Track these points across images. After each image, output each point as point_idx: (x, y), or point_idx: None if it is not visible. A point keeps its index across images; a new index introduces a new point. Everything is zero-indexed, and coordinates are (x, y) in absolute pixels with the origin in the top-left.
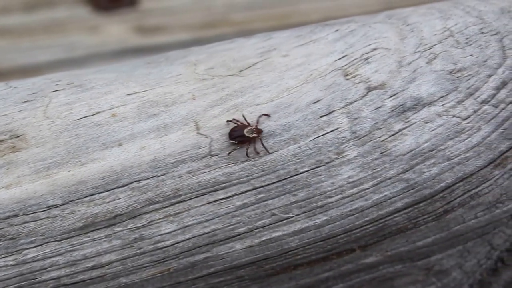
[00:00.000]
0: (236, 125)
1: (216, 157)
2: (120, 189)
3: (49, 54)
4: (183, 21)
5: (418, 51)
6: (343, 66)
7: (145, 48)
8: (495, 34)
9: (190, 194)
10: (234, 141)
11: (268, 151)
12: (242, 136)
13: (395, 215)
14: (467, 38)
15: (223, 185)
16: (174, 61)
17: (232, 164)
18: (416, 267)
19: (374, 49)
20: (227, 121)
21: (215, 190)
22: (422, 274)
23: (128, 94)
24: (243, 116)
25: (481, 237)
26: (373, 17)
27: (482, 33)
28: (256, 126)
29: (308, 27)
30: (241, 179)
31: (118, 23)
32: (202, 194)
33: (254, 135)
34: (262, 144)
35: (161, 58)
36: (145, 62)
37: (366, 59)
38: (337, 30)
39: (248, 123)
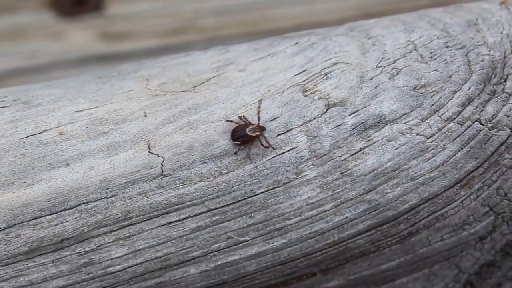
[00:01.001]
0: (237, 124)
1: (168, 177)
2: (67, 211)
3: (8, 62)
4: (150, 27)
5: (380, 66)
6: (301, 82)
7: (110, 55)
8: (461, 48)
9: (141, 217)
10: (237, 142)
11: (274, 147)
12: (244, 136)
13: (357, 237)
14: (431, 52)
15: (176, 207)
16: (126, 76)
17: (185, 185)
18: None
19: (335, 64)
20: (227, 120)
21: (167, 212)
22: None
23: (77, 111)
24: (243, 117)
25: (448, 260)
26: (334, 29)
27: (447, 47)
28: (258, 123)
29: (266, 40)
30: (195, 201)
31: (82, 29)
32: (154, 217)
33: (257, 133)
34: (267, 141)
35: (113, 72)
36: (96, 77)
37: (326, 74)
38: (297, 43)
39: (249, 122)
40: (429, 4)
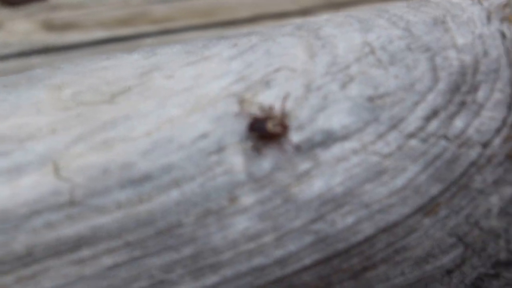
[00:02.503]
0: (258, 116)
1: (79, 206)
2: None
3: None
4: (98, 16)
5: (331, 72)
6: (238, 91)
7: (55, 47)
8: (426, 51)
9: (47, 252)
10: (255, 136)
11: (299, 150)
12: (263, 130)
13: (302, 273)
14: (391, 56)
15: (89, 240)
16: (37, 84)
17: (100, 215)
18: None
19: (278, 70)
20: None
21: (79, 247)
22: None
23: None
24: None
25: None
26: (279, 28)
27: (410, 49)
28: (282, 117)
29: (201, 41)
30: (112, 233)
31: (24, 19)
32: (63, 252)
33: (278, 130)
34: (291, 143)
35: (22, 79)
36: (1, 85)
37: (267, 82)
38: (235, 45)
39: (270, 114)
40: None
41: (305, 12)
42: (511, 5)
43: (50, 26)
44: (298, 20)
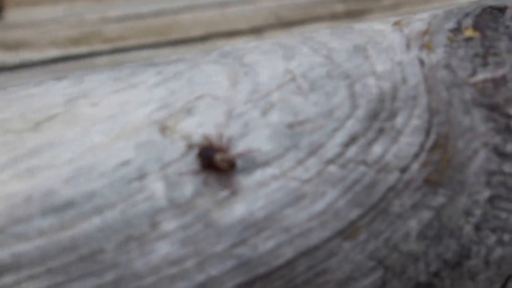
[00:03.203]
0: (208, 144)
1: (1, 233)
2: None
3: None
4: (52, 35)
5: (252, 100)
6: (161, 119)
7: (8, 66)
8: (345, 78)
9: None
10: (199, 162)
11: (235, 192)
12: (209, 159)
13: None
14: (311, 83)
15: (11, 267)
16: None
17: (22, 242)
18: None
19: (200, 97)
20: (204, 134)
21: (1, 274)
22: None
23: None
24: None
25: None
26: (206, 55)
27: (330, 77)
28: (233, 155)
29: (129, 68)
30: (34, 260)
31: None
32: None
33: (224, 166)
34: (231, 182)
35: None
36: None
37: (189, 110)
38: (160, 72)
39: (224, 148)
40: (346, 11)
41: (256, 30)
42: (430, 32)
43: (3, 45)
44: (226, 47)
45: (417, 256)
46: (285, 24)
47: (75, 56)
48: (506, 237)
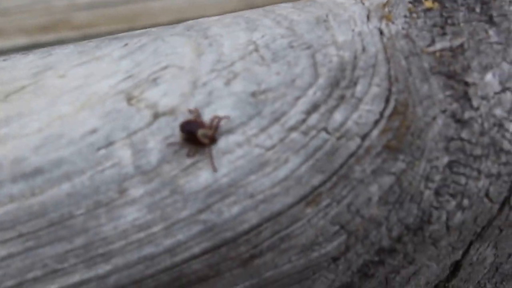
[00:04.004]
0: (194, 120)
1: None
2: None
3: None
4: (20, 23)
5: (216, 70)
6: (126, 89)
7: None
8: (307, 48)
9: None
10: (182, 135)
11: (215, 170)
12: (192, 135)
13: (192, 261)
14: (273, 54)
15: None
16: None
17: None
18: None
19: (165, 68)
20: (189, 109)
21: None
22: None
23: None
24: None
25: (300, 283)
26: (170, 28)
27: (292, 47)
28: (214, 131)
29: (94, 41)
30: (5, 225)
31: None
32: None
33: (206, 141)
34: (211, 159)
35: None
36: None
37: (154, 80)
38: (126, 45)
39: (206, 124)
40: None
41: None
42: (390, 4)
43: None
44: (190, 21)
45: (379, 221)
46: (254, 8)
47: (44, 44)
48: (465, 202)
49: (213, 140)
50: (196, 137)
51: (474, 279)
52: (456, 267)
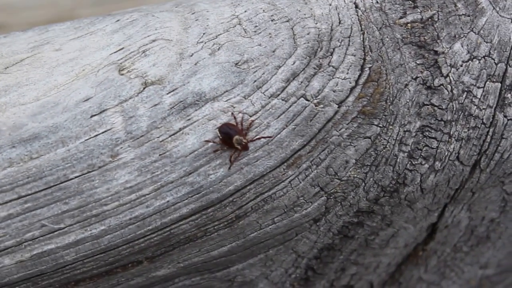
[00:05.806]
0: (234, 124)
1: None
2: None
3: None
4: (26, 18)
5: (202, 42)
6: (118, 60)
7: None
8: (286, 21)
9: None
10: (219, 136)
11: (229, 168)
12: (228, 137)
13: (180, 222)
14: (255, 26)
15: None
16: None
17: None
18: (216, 278)
19: (154, 41)
20: (232, 113)
21: None
22: (225, 286)
23: None
24: (240, 119)
25: (284, 244)
26: (160, 5)
27: (273, 20)
28: (247, 140)
29: (89, 18)
30: (5, 188)
31: None
32: None
33: (238, 147)
34: (235, 160)
35: None
36: None
37: (143, 51)
38: (118, 20)
39: (243, 132)
40: None
41: None
42: None
43: None
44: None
45: (357, 183)
46: None
47: None
48: (437, 164)
49: (245, 148)
50: (232, 140)
51: (451, 242)
52: (432, 229)
